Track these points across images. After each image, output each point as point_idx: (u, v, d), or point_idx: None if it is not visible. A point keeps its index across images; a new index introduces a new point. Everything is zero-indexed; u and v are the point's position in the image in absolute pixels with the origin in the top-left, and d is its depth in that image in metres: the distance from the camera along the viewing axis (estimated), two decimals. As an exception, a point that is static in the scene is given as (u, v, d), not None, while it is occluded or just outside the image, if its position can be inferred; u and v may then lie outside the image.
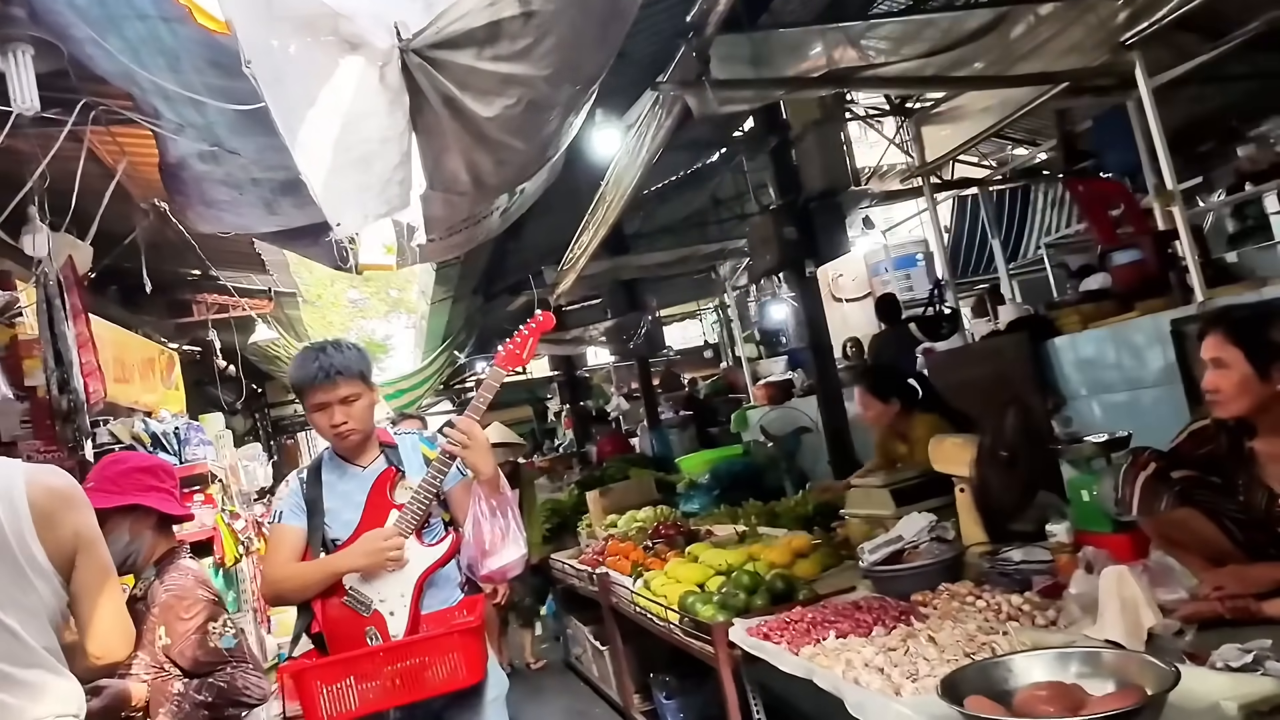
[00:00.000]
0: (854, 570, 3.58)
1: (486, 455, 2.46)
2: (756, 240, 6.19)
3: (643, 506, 6.68)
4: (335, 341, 2.66)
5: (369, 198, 2.38)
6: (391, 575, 2.50)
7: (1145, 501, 2.28)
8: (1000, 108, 4.84)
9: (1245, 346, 2.11)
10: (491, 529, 2.46)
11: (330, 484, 2.65)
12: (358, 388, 2.58)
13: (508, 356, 2.59)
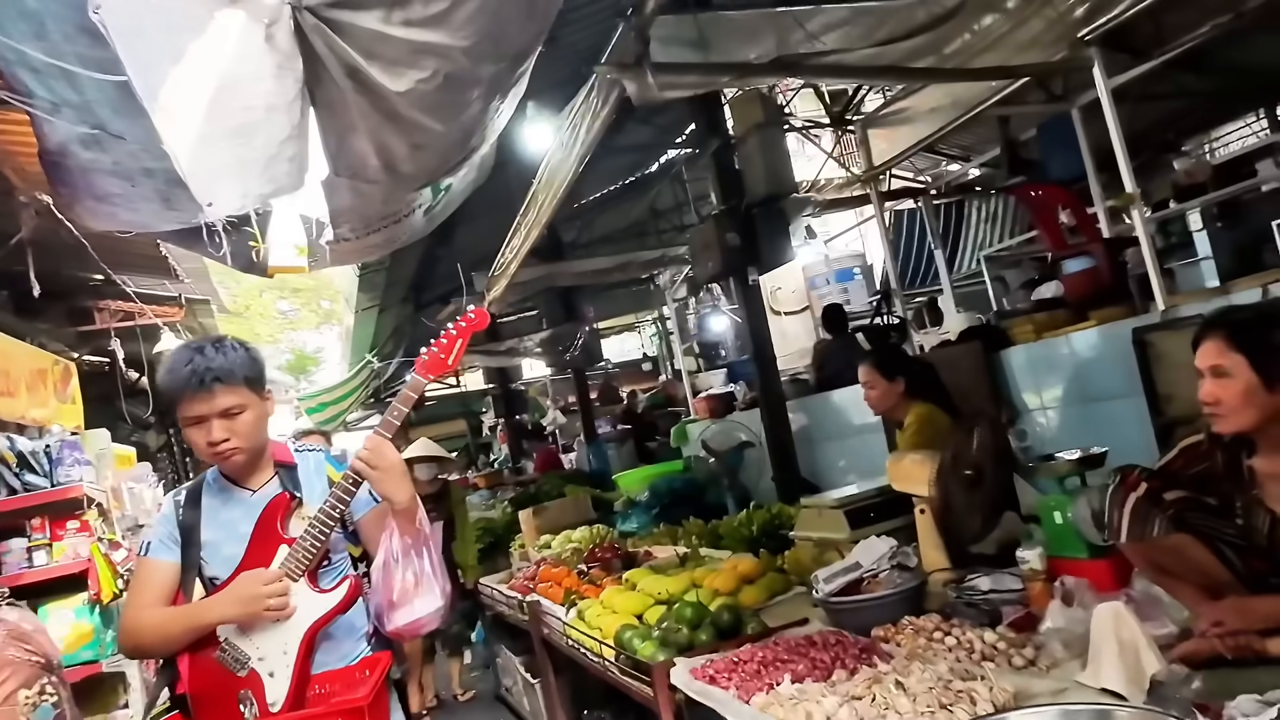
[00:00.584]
0: (805, 597, 3.31)
1: (400, 480, 2.06)
2: (698, 246, 5.92)
3: (578, 526, 6.35)
4: (217, 339, 2.18)
5: (250, 175, 2.02)
6: (275, 627, 2.06)
7: (1135, 526, 2.03)
8: (951, 109, 4.67)
9: (1249, 352, 1.89)
10: (402, 574, 2.07)
11: (211, 510, 2.21)
12: (242, 397, 2.13)
13: (431, 362, 2.16)
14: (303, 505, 2.21)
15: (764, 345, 5.75)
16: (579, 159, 3.74)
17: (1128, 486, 2.07)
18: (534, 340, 9.51)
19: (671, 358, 13.69)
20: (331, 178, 2.70)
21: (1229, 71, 9.25)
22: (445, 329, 2.20)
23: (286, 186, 2.19)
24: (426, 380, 2.17)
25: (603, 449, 9.45)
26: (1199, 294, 3.54)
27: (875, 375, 3.59)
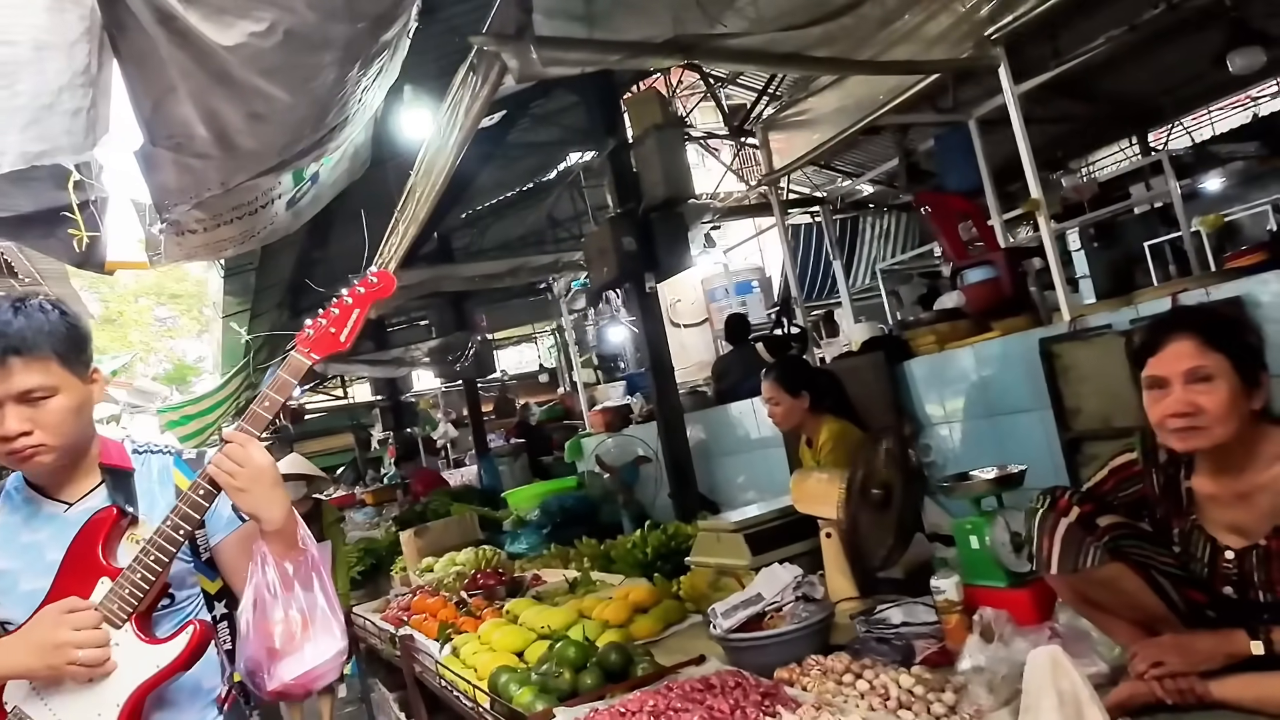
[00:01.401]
0: (702, 627, 3.03)
1: (271, 491, 1.57)
2: (593, 251, 5.62)
3: (464, 547, 5.94)
4: (19, 299, 1.61)
5: (10, 128, 1.59)
6: (86, 689, 1.55)
7: (1067, 555, 1.81)
8: (854, 110, 4.52)
9: (1230, 352, 1.68)
10: (285, 613, 1.59)
11: (9, 529, 1.67)
12: (51, 376, 1.58)
13: (319, 338, 1.65)
14: (138, 524, 1.68)
15: (661, 355, 5.49)
16: (458, 145, 3.39)
17: (1058, 511, 1.85)
18: (423, 349, 9.02)
19: (570, 369, 13.34)
20: (149, 148, 2.28)
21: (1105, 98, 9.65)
22: (338, 296, 1.71)
23: (66, 148, 1.77)
24: (311, 362, 1.67)
25: (494, 464, 9.04)
26: (1106, 304, 3.44)
27: (779, 391, 3.35)
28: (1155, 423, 1.74)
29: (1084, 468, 3.24)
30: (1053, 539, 1.83)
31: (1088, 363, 3.17)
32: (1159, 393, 1.74)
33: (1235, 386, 1.66)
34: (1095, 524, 1.81)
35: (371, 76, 2.94)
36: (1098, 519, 1.82)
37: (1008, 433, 3.63)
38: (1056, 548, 1.82)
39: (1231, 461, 1.70)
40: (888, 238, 12.12)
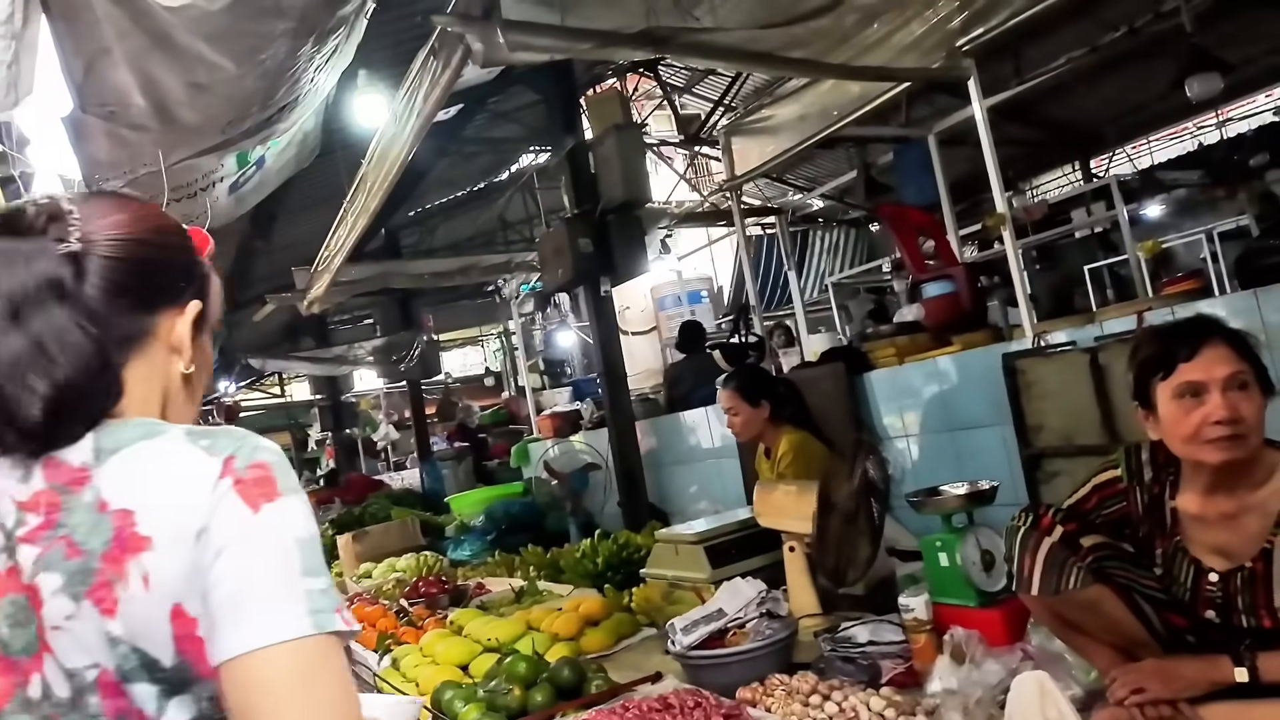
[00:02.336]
0: (657, 642, 2.92)
1: None
2: (548, 252, 5.49)
3: (405, 553, 5.75)
4: None
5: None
6: None
7: (1049, 576, 1.75)
8: (818, 118, 4.48)
9: (1255, 363, 1.63)
10: None
11: None
12: None
13: None
14: None
15: (615, 361, 5.38)
16: (415, 133, 3.24)
17: (1040, 530, 1.78)
18: (365, 348, 8.76)
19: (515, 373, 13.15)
20: (79, 115, 2.09)
21: (1052, 124, 9.87)
22: None
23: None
24: None
25: (437, 468, 8.81)
26: (1068, 320, 3.42)
27: (738, 400, 3.25)
28: (1188, 433, 1.62)
29: (1044, 484, 3.22)
30: (1034, 559, 1.76)
31: (1050, 379, 3.15)
32: (1192, 401, 1.62)
33: (1260, 398, 1.61)
34: (1078, 544, 1.75)
35: (325, 55, 2.79)
36: (1081, 539, 1.76)
37: (967, 448, 3.59)
38: (1038, 568, 1.75)
39: (1227, 480, 1.65)
40: (836, 252, 12.23)
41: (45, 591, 0.81)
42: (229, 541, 0.81)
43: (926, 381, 3.81)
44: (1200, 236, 8.32)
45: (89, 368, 0.86)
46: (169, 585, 0.80)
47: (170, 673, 0.82)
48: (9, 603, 0.82)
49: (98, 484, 0.83)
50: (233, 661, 0.78)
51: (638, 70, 9.45)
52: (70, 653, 0.81)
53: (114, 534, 0.81)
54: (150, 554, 0.80)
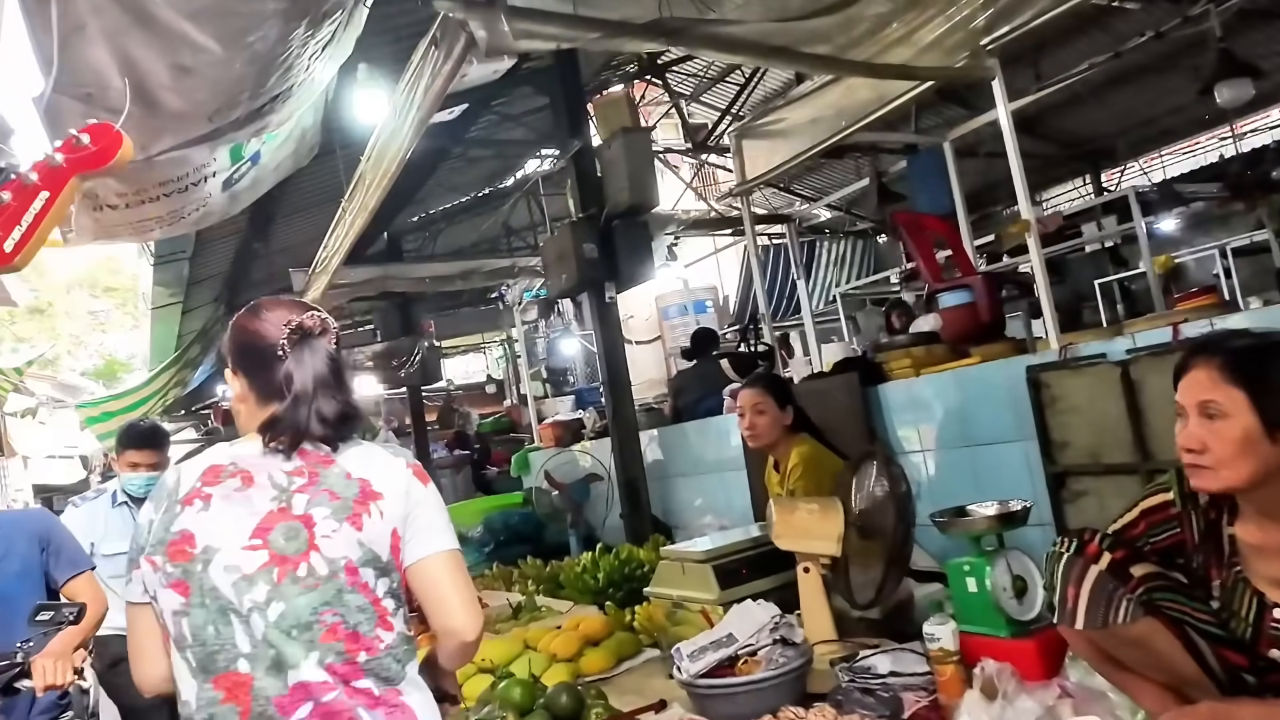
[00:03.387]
0: (660, 664, 2.77)
1: None
2: (552, 257, 5.35)
3: (400, 564, 5.59)
4: None
5: None
6: None
7: (1095, 608, 1.59)
8: (834, 120, 4.34)
9: (1250, 387, 1.48)
10: None
11: None
12: None
13: None
14: None
15: (619, 369, 5.23)
16: (415, 128, 3.10)
17: (1086, 558, 1.62)
18: (365, 353, 8.61)
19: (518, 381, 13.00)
20: (51, 95, 1.96)
21: (1061, 137, 9.76)
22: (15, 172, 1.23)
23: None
24: None
25: (436, 476, 8.66)
26: (1100, 331, 3.28)
27: (767, 398, 3.07)
28: None
29: (1069, 504, 3.07)
30: (1080, 589, 1.61)
31: (1078, 393, 2.99)
32: (1179, 423, 1.57)
33: (1251, 427, 1.46)
34: (1128, 573, 1.60)
35: (320, 42, 2.66)
36: (1131, 568, 1.60)
37: (987, 464, 3.44)
38: (1084, 599, 1.60)
39: (1275, 508, 1.50)
40: (844, 264, 12.11)
41: (318, 516, 1.46)
42: (421, 498, 1.54)
43: (944, 394, 3.66)
44: (1213, 252, 8.18)
45: (353, 404, 1.57)
46: (392, 517, 1.49)
47: (385, 564, 1.48)
48: (285, 526, 1.45)
49: (342, 464, 1.51)
50: (423, 560, 1.51)
51: (645, 77, 9.38)
52: (332, 550, 1.45)
53: (360, 490, 1.49)
54: (383, 501, 1.49)
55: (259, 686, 1.39)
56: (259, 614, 1.40)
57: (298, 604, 1.41)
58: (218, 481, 1.47)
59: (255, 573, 1.41)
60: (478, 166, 8.51)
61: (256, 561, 1.42)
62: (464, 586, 1.54)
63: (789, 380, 3.50)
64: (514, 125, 6.48)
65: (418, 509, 1.51)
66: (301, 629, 1.40)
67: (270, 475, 1.48)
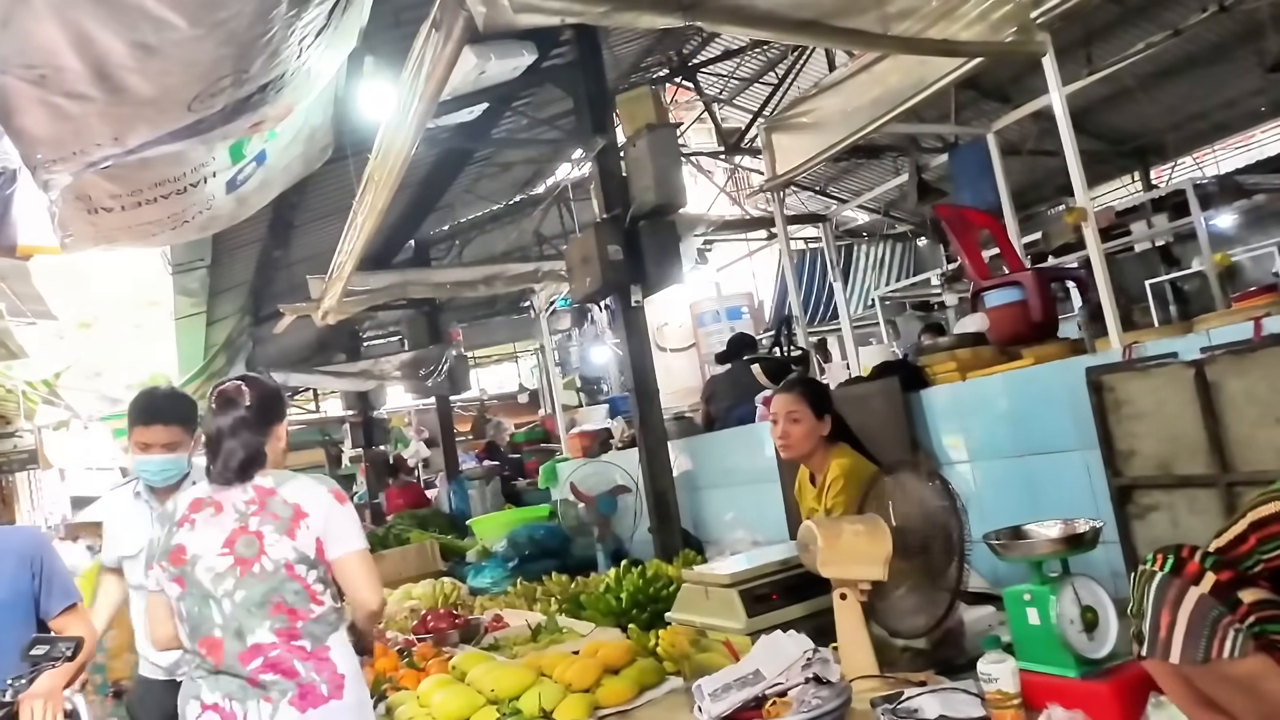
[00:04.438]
0: (684, 696, 2.53)
1: None
2: (576, 260, 5.14)
3: (423, 579, 5.41)
4: None
5: None
6: None
7: (1193, 638, 1.33)
8: (866, 110, 4.08)
9: None
10: None
11: None
12: None
13: None
14: None
15: (646, 376, 5.00)
16: (419, 119, 2.91)
17: (1185, 578, 1.36)
18: (394, 363, 8.50)
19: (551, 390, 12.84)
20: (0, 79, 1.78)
21: (1107, 133, 9.38)
22: None
23: None
24: None
25: (464, 487, 8.48)
26: (1167, 329, 2.99)
27: (803, 406, 2.79)
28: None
29: (1136, 520, 2.77)
30: (1176, 615, 1.35)
31: (1145, 397, 2.70)
32: None
33: None
34: (1236, 599, 1.33)
35: (311, 25, 2.46)
36: (1239, 591, 1.34)
37: (1042, 475, 3.15)
38: (1181, 628, 1.34)
39: None
40: (882, 267, 11.80)
41: (266, 531, 2.09)
42: (338, 515, 2.15)
43: (993, 399, 3.38)
44: (1272, 249, 7.76)
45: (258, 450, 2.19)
46: (316, 530, 2.10)
47: (313, 561, 2.09)
48: (244, 539, 2.08)
49: (281, 494, 2.14)
50: (340, 557, 2.12)
51: (675, 80, 9.18)
52: (276, 554, 2.07)
53: (293, 511, 2.11)
54: (309, 519, 2.10)
55: (228, 647, 2.07)
56: (228, 599, 2.08)
57: (254, 591, 2.07)
58: (200, 510, 2.17)
59: (225, 571, 2.09)
60: (508, 174, 8.36)
61: (226, 564, 2.10)
62: (368, 574, 2.18)
63: (825, 386, 3.23)
64: (544, 128, 6.28)
65: (334, 522, 2.15)
66: (257, 607, 2.07)
67: (234, 504, 2.16)
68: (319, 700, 2.05)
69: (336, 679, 2.09)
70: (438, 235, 8.61)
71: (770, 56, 8.58)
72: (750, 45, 8.22)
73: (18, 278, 7.51)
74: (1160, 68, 7.20)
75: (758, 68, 9.14)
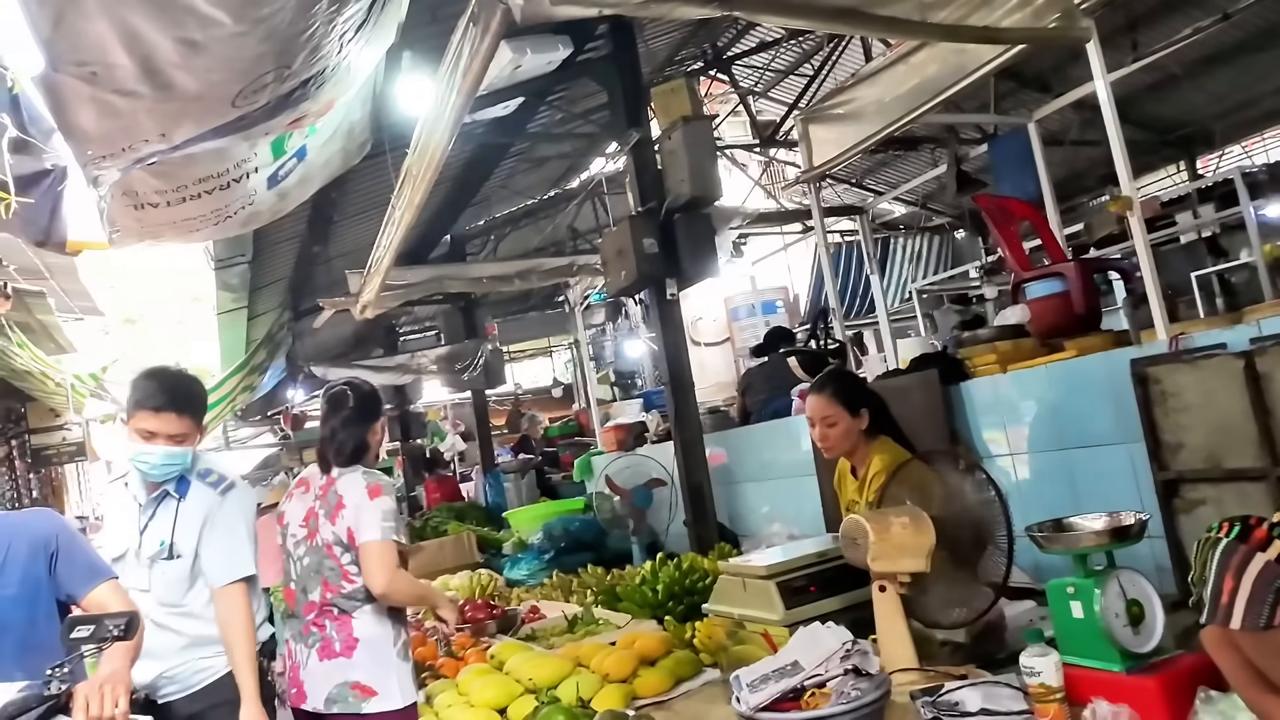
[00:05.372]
0: (720, 688, 2.53)
1: None
2: (611, 253, 5.14)
3: (460, 570, 5.46)
4: None
5: None
6: None
7: (1257, 604, 1.31)
8: (904, 101, 4.04)
9: None
10: None
11: None
12: None
13: None
14: None
15: (681, 369, 4.99)
16: (456, 114, 2.93)
17: (1252, 545, 1.34)
18: (430, 357, 8.58)
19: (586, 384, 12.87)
20: (50, 74, 1.83)
21: (1152, 123, 9.18)
22: None
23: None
24: None
25: (500, 480, 8.54)
26: (1215, 319, 2.93)
27: (837, 408, 2.72)
28: None
29: (1183, 514, 2.72)
30: (1240, 581, 1.33)
31: (1193, 389, 2.65)
32: None
33: None
34: None
35: (351, 21, 2.49)
36: None
37: (1085, 469, 3.11)
38: (1243, 593, 1.33)
39: None
40: (919, 260, 11.67)
41: (320, 515, 2.71)
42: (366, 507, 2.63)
43: (1034, 392, 3.33)
44: (1322, 240, 7.54)
45: (362, 442, 2.80)
46: (349, 520, 2.63)
47: (345, 545, 2.64)
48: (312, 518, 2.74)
49: (337, 484, 2.71)
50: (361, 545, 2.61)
51: (710, 73, 9.13)
52: (323, 535, 2.68)
53: (337, 501, 2.67)
54: (345, 510, 2.65)
55: (297, 598, 2.74)
56: (299, 561, 2.73)
57: (311, 560, 2.69)
58: (298, 487, 2.85)
59: (300, 539, 2.73)
60: (543, 169, 8.38)
61: (302, 534, 2.74)
62: (376, 562, 2.56)
63: (859, 379, 3.19)
64: (579, 122, 6.29)
65: (362, 514, 2.60)
66: (314, 573, 2.68)
67: (315, 486, 2.77)
68: (332, 655, 2.60)
69: (351, 641, 2.60)
70: (473, 230, 8.65)
71: (806, 48, 8.50)
72: (786, 36, 8.14)
73: (66, 275, 7.69)
74: (1208, 53, 7.02)
75: (793, 59, 9.06)
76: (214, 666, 2.64)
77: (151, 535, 2.64)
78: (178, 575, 2.62)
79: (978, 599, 2.07)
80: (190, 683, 2.63)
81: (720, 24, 7.52)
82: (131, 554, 2.63)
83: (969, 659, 2.26)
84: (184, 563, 2.61)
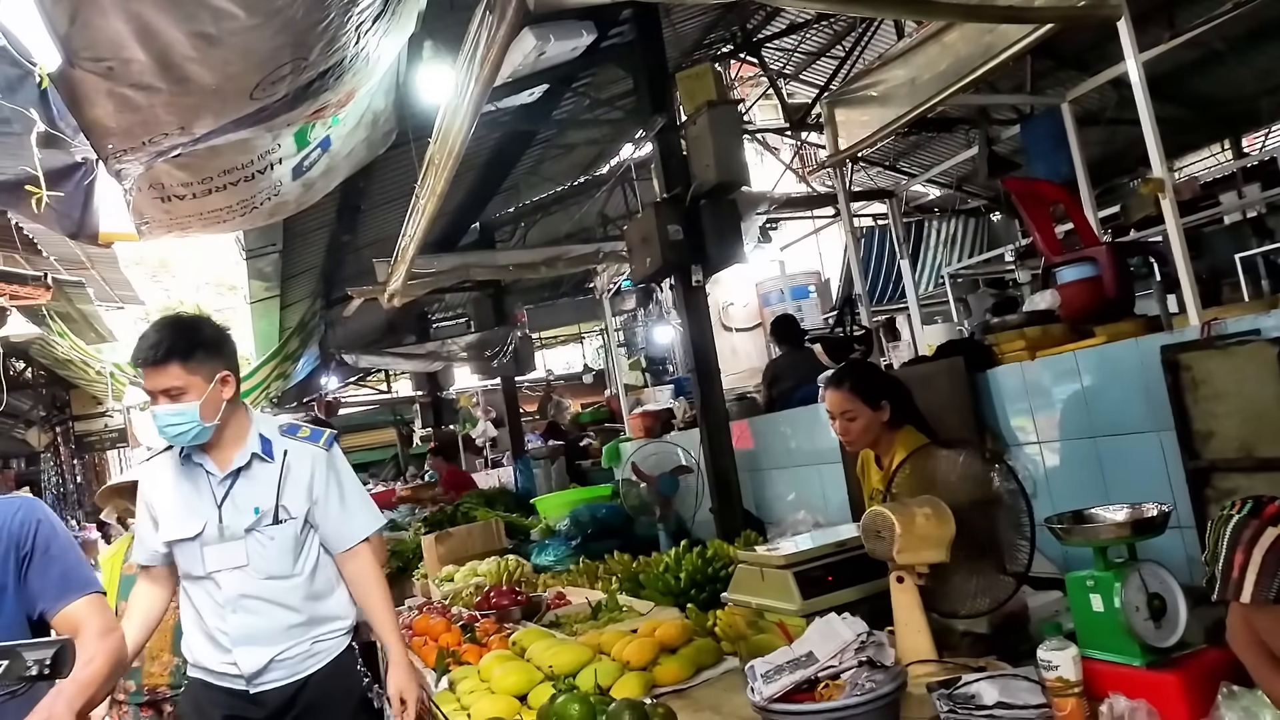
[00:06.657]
0: (742, 677, 2.51)
1: None
2: (635, 240, 5.13)
3: (488, 556, 5.50)
4: None
5: None
6: None
7: (1267, 578, 1.30)
8: (932, 83, 3.96)
9: None
10: None
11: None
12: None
13: None
14: None
15: (706, 356, 4.97)
16: (475, 102, 2.93)
17: (1263, 519, 1.33)
18: (460, 344, 8.64)
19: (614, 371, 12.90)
20: (67, 69, 1.85)
21: (1194, 100, 8.93)
22: None
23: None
24: None
25: (530, 466, 8.59)
26: (1250, 305, 2.85)
27: (856, 402, 2.71)
28: None
29: (1214, 505, 2.65)
30: (1250, 554, 1.32)
31: (1225, 376, 2.58)
32: None
33: None
34: None
35: (369, 12, 2.50)
36: None
37: (1114, 458, 3.04)
38: (1254, 565, 1.32)
39: None
40: (953, 244, 11.49)
41: None
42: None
43: (1063, 379, 3.27)
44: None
45: None
46: None
47: None
48: None
49: None
50: None
51: (739, 56, 9.04)
52: None
53: None
54: None
55: None
56: None
57: None
58: None
59: None
60: (571, 155, 8.38)
61: None
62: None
63: (878, 369, 3.15)
64: (605, 108, 6.27)
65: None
66: None
67: None
68: None
69: None
70: (503, 217, 8.67)
71: (836, 30, 8.39)
72: (816, 19, 8.04)
73: (106, 265, 7.84)
74: (1253, 28, 6.81)
75: (824, 41, 8.95)
76: (327, 649, 2.47)
77: (239, 504, 2.40)
78: (285, 541, 2.41)
79: (997, 589, 2.04)
80: (299, 669, 2.43)
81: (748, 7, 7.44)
82: (212, 530, 2.38)
83: (990, 650, 2.23)
84: (293, 525, 2.41)
